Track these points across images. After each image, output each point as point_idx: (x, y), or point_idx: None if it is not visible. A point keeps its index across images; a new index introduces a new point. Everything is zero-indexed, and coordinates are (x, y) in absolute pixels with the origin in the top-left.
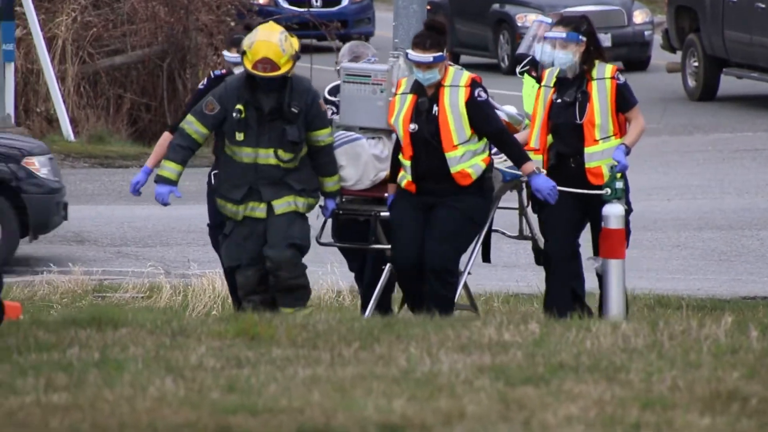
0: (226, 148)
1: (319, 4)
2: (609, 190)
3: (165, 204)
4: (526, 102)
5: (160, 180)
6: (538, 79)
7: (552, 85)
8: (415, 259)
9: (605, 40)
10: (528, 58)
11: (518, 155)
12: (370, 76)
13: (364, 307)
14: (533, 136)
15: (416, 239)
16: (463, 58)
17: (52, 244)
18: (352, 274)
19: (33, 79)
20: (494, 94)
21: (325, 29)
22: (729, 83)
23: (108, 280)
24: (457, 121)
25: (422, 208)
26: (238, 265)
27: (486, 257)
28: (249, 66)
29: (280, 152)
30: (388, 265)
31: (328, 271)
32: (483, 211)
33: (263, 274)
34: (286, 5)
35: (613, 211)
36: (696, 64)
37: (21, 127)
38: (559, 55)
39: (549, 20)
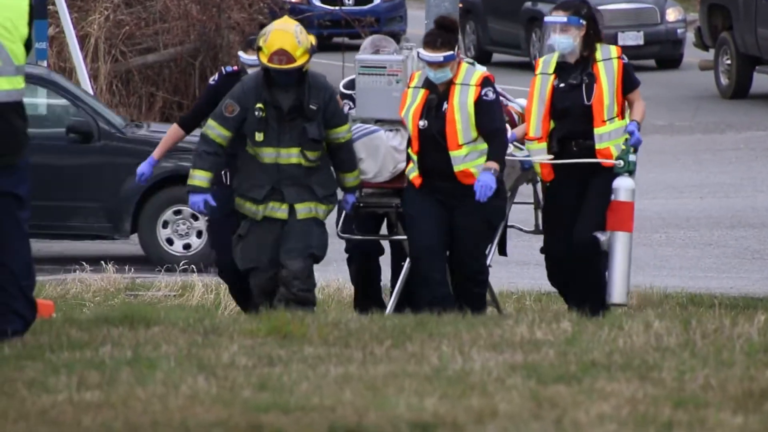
0: (248, 148)
1: (351, 2)
2: (622, 162)
3: (201, 213)
4: (528, 98)
5: (193, 190)
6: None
7: (551, 72)
8: (430, 243)
9: (637, 38)
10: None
11: (496, 155)
12: (385, 67)
13: (356, 299)
14: (533, 126)
15: (432, 226)
16: (496, 57)
17: (84, 242)
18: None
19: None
20: (526, 92)
21: (357, 27)
22: (762, 81)
23: (140, 278)
24: (465, 120)
25: (437, 202)
26: (255, 267)
27: (502, 251)
28: (265, 60)
29: (307, 152)
30: (407, 260)
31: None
32: (500, 212)
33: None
34: (318, 3)
35: (623, 184)
36: (729, 62)
37: None
38: (560, 40)
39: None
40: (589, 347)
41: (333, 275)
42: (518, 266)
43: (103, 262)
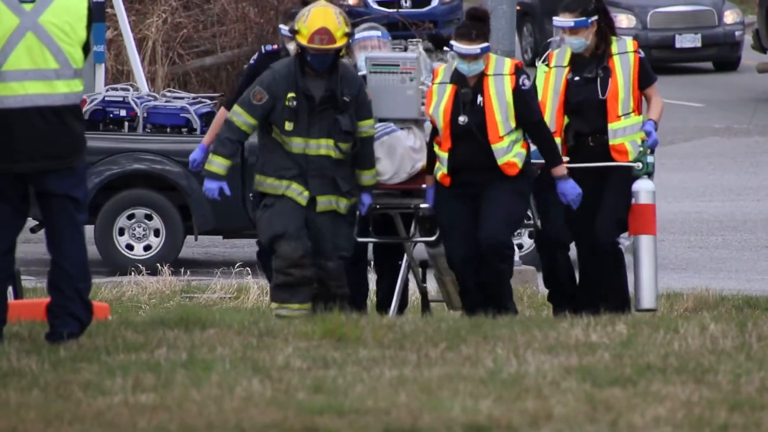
0: (275, 135)
1: (408, 4)
2: (640, 164)
3: (214, 199)
4: (541, 92)
5: (209, 175)
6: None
7: (566, 64)
8: (471, 255)
9: (695, 40)
10: (548, 51)
11: (552, 153)
12: (398, 65)
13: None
14: (546, 120)
15: (469, 235)
16: None
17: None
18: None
19: (123, 80)
20: None
21: (414, 30)
22: None
23: (196, 281)
24: (504, 111)
25: (467, 201)
26: (283, 234)
27: None
28: (304, 41)
29: (341, 144)
30: (405, 259)
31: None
32: (527, 185)
33: (307, 251)
34: (375, 6)
35: (643, 187)
36: None
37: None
38: (571, 41)
39: (570, 23)
40: (645, 350)
41: None
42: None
43: (158, 264)
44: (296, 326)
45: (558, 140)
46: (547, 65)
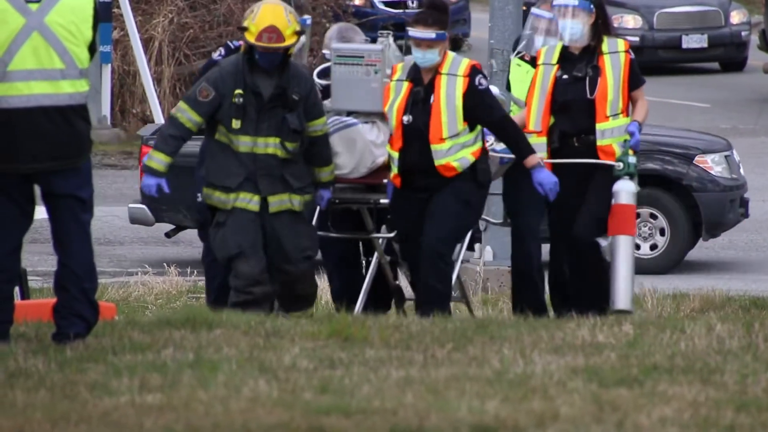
0: (219, 135)
1: (415, 5)
2: (621, 165)
3: (152, 196)
4: (515, 87)
5: (149, 171)
6: (534, 63)
7: (554, 62)
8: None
9: (701, 40)
10: (523, 42)
11: (521, 146)
12: (363, 57)
13: (340, 300)
14: (533, 118)
15: (418, 239)
16: None
17: (146, 245)
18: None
19: (129, 80)
20: None
21: None
22: None
23: (202, 281)
24: (451, 113)
25: (417, 204)
26: (239, 253)
27: (470, 245)
28: (252, 38)
29: (287, 144)
30: (375, 256)
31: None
32: (478, 196)
33: (267, 266)
34: (381, 7)
35: (624, 187)
36: None
37: (117, 129)
38: (570, 25)
39: (548, 14)
40: (651, 350)
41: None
42: None
43: (165, 264)
44: (303, 326)
45: (543, 140)
46: (526, 61)
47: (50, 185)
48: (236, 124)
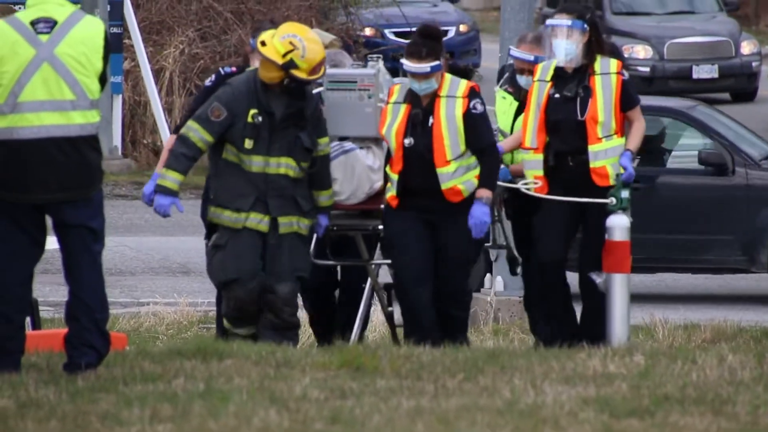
0: (229, 155)
1: None
2: (614, 200)
3: (166, 216)
4: (500, 119)
5: (162, 191)
6: (516, 97)
7: (548, 79)
8: (417, 274)
9: (712, 71)
10: (506, 75)
11: (489, 179)
12: (356, 82)
13: (319, 327)
14: (528, 135)
15: (417, 253)
16: None
17: (157, 276)
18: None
19: (140, 111)
20: None
21: None
22: None
23: (213, 311)
24: (453, 135)
25: (419, 222)
26: (236, 279)
27: (513, 270)
28: (305, 75)
29: (302, 163)
30: (368, 282)
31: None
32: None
33: (261, 293)
34: (392, 37)
35: (618, 223)
36: None
37: (128, 159)
38: (563, 45)
39: (529, 57)
40: (662, 381)
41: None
42: None
43: (176, 295)
44: (313, 357)
45: (539, 157)
46: (510, 92)
47: (62, 215)
48: (249, 144)
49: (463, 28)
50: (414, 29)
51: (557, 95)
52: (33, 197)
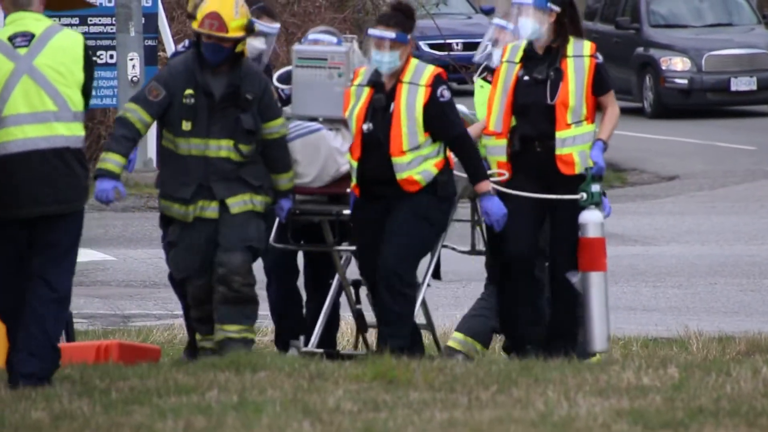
0: (166, 142)
1: (459, 47)
2: (585, 195)
3: (108, 202)
4: (479, 110)
5: (104, 174)
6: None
7: (517, 60)
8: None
9: (750, 83)
10: (483, 65)
11: (475, 169)
12: (326, 59)
13: (282, 323)
14: (493, 119)
15: (377, 250)
16: None
17: None
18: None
19: None
20: (637, 137)
21: (465, 72)
22: None
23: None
24: (411, 125)
25: (377, 214)
26: (188, 276)
27: (436, 274)
28: (196, 24)
29: (241, 146)
30: (336, 278)
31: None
32: (439, 212)
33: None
34: (427, 49)
35: (591, 218)
36: None
37: None
38: (523, 23)
39: (510, 26)
40: (696, 393)
41: (440, 320)
42: (626, 311)
43: None
44: (347, 369)
45: (503, 142)
46: (488, 82)
47: (47, 233)
48: (186, 125)
49: None
50: (449, 41)
51: (527, 77)
52: (22, 212)
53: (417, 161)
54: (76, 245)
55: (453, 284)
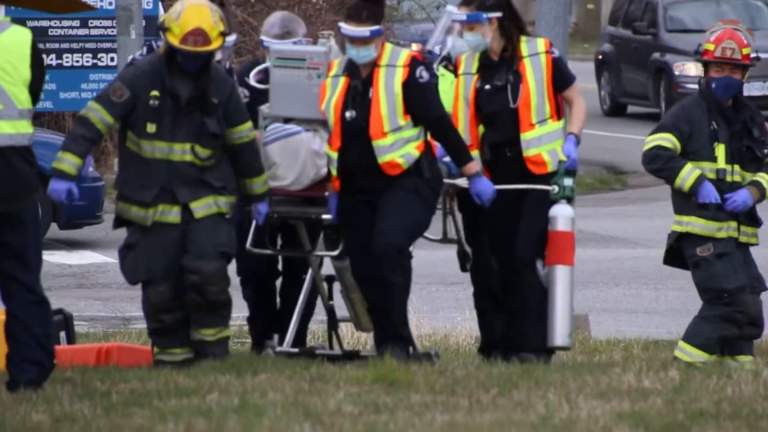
0: (129, 143)
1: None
2: (556, 188)
3: (61, 203)
4: (445, 99)
5: (59, 175)
6: (455, 71)
7: (474, 71)
8: (370, 268)
9: (763, 88)
10: (442, 54)
11: (459, 151)
12: (305, 59)
13: (258, 326)
14: (460, 132)
15: (368, 246)
16: (630, 108)
17: None
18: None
19: None
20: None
21: None
22: None
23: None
24: (391, 105)
25: (363, 209)
26: (148, 280)
27: (463, 267)
28: (176, 41)
29: (197, 148)
30: (309, 274)
31: (467, 317)
32: (428, 188)
33: (179, 290)
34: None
35: (561, 212)
36: None
37: None
38: (468, 38)
39: (463, 17)
40: (697, 396)
41: (441, 323)
42: (626, 314)
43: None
44: (348, 371)
45: (475, 153)
46: (451, 71)
47: (2, 235)
48: (151, 128)
49: None
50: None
51: (487, 86)
52: None
53: (399, 144)
54: (32, 245)
55: (454, 287)
